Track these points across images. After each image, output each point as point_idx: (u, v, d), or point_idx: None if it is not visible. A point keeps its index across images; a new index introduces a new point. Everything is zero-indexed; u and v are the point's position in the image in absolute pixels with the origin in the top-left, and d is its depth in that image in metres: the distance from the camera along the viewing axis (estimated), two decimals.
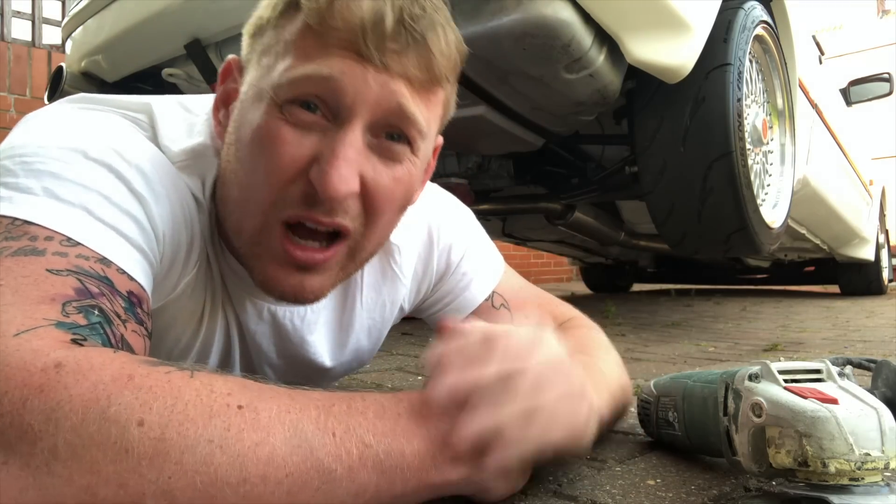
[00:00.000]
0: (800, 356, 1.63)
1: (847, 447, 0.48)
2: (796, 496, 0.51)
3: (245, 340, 0.72)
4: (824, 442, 0.49)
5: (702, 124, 1.61)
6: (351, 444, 0.44)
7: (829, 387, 0.55)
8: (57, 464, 0.37)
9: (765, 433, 0.54)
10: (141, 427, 0.38)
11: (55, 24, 3.49)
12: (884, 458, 0.49)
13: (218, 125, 0.63)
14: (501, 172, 2.25)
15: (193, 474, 0.38)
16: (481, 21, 1.29)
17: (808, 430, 0.50)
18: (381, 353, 1.63)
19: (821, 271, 4.82)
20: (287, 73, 0.55)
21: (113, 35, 1.81)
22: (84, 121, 0.59)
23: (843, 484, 0.49)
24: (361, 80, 0.54)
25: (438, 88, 0.60)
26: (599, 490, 0.61)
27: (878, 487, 0.49)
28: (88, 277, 0.48)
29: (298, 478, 0.41)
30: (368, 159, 0.57)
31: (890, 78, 4.04)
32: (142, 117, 0.64)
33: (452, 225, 0.85)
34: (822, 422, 0.49)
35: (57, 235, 0.48)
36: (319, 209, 0.56)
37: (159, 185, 0.58)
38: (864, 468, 0.48)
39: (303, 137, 0.56)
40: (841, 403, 0.51)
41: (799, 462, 0.50)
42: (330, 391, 0.48)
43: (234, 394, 0.42)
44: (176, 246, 0.60)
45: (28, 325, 0.42)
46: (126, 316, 0.49)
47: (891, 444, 0.49)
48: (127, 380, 0.40)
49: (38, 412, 0.38)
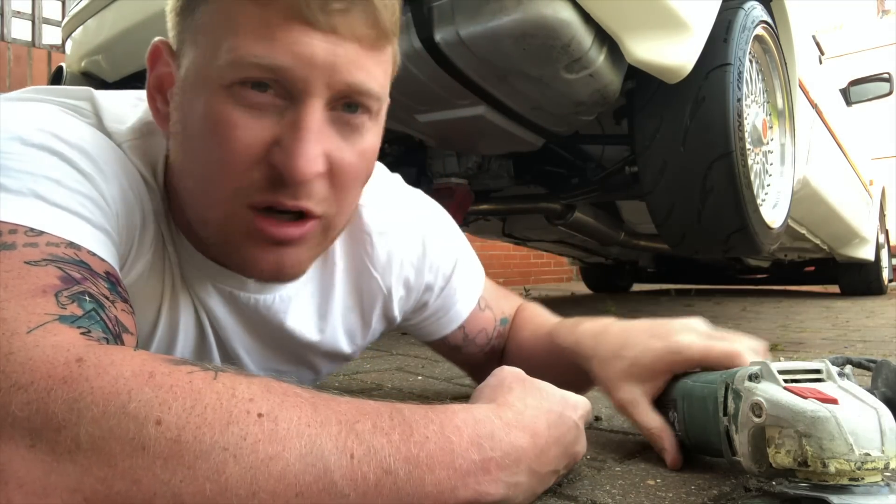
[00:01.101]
0: (800, 356, 1.63)
1: (847, 447, 0.48)
2: (796, 496, 0.51)
3: (216, 328, 0.71)
4: (824, 442, 0.49)
5: (702, 124, 1.61)
6: (369, 469, 0.42)
7: (829, 387, 0.55)
8: (79, 453, 0.37)
9: (765, 433, 0.54)
10: (158, 426, 0.38)
11: (55, 24, 3.49)
12: (884, 458, 0.48)
13: (157, 113, 0.61)
14: (501, 172, 2.24)
15: (204, 481, 0.38)
16: (481, 21, 1.29)
17: (808, 430, 0.50)
18: (381, 352, 1.63)
19: (821, 271, 4.82)
20: (231, 54, 0.52)
21: (113, 35, 1.81)
22: (17, 110, 0.57)
23: (843, 484, 0.49)
24: (311, 54, 0.52)
25: (387, 45, 0.58)
26: (599, 490, 0.60)
27: (878, 487, 0.49)
28: (67, 264, 0.47)
29: (308, 498, 0.40)
30: (330, 137, 0.56)
31: (890, 78, 4.03)
32: (83, 105, 0.63)
33: (443, 238, 0.85)
34: (821, 422, 0.49)
35: (19, 227, 0.47)
36: (285, 192, 0.55)
37: (104, 163, 0.56)
38: (864, 468, 0.48)
39: (257, 120, 0.53)
40: (841, 403, 0.51)
41: (799, 462, 0.50)
42: (358, 401, 0.46)
43: (256, 400, 0.41)
44: (130, 226, 0.59)
45: (35, 322, 0.42)
46: (112, 296, 0.49)
47: (891, 444, 0.49)
48: (148, 377, 0.40)
49: (61, 401, 0.38)
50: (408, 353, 1.64)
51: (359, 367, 1.41)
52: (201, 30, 0.55)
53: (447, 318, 0.89)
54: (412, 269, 0.81)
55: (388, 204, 0.80)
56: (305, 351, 0.79)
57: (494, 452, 0.48)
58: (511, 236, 3.26)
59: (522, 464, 0.50)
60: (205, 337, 0.71)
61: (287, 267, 0.59)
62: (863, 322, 2.65)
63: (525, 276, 5.73)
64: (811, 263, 4.75)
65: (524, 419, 0.52)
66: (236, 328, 0.72)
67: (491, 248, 4.93)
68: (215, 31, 0.54)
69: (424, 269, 0.82)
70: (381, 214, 0.78)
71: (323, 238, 0.61)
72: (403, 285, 0.82)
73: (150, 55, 0.62)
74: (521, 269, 5.69)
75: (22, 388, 0.38)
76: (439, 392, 1.15)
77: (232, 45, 0.52)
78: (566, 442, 0.56)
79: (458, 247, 0.88)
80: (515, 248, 5.22)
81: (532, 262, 5.88)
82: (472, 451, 0.47)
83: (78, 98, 0.63)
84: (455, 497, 0.45)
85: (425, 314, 0.88)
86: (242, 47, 0.52)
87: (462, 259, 0.88)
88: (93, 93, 0.64)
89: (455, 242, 0.88)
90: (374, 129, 0.59)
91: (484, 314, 0.92)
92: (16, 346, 0.40)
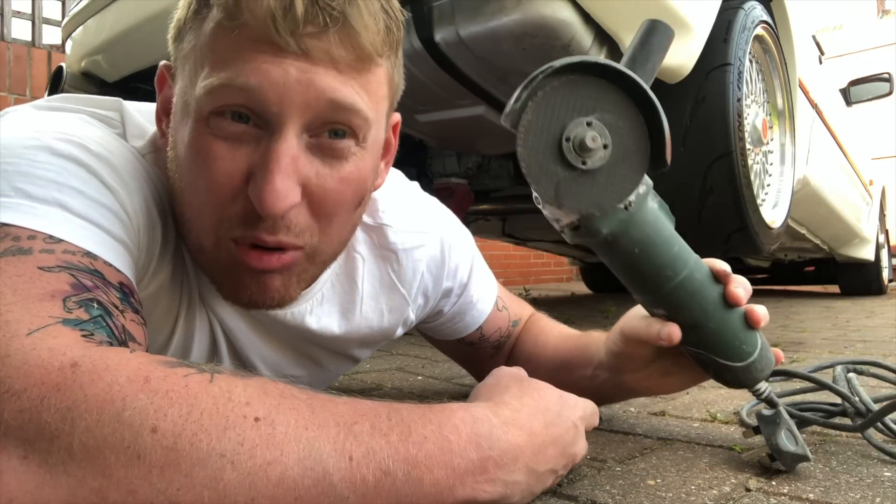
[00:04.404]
0: (800, 356, 1.63)
1: None
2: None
3: (230, 339, 0.71)
4: None
5: (702, 124, 1.61)
6: (368, 471, 0.42)
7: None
8: (73, 463, 0.37)
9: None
10: (154, 434, 0.38)
11: (55, 24, 3.49)
12: None
13: (163, 136, 0.61)
14: (501, 172, 2.25)
15: (202, 489, 0.38)
16: (481, 21, 1.29)
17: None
18: (381, 352, 1.63)
19: (821, 271, 4.82)
20: (205, 83, 0.52)
21: (113, 35, 1.81)
22: (48, 120, 0.58)
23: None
24: (283, 80, 0.51)
25: (373, 66, 0.55)
26: (599, 490, 0.60)
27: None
28: (80, 272, 0.47)
29: (308, 501, 0.40)
30: (310, 163, 0.54)
31: (890, 78, 4.04)
32: (112, 115, 0.63)
33: (460, 245, 0.87)
34: None
35: (39, 234, 0.47)
36: (263, 226, 0.54)
37: (129, 177, 0.56)
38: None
39: (235, 151, 0.53)
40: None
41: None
42: (356, 401, 0.46)
43: (253, 403, 0.41)
44: (152, 240, 0.59)
45: (37, 324, 0.42)
46: (123, 306, 0.49)
47: None
48: (143, 382, 0.39)
49: (54, 410, 0.37)
50: (408, 353, 1.64)
51: (359, 367, 1.40)
52: (185, 59, 0.56)
53: (465, 321, 0.91)
54: (431, 277, 0.83)
55: (412, 219, 0.80)
56: (320, 353, 0.80)
57: (492, 451, 0.48)
58: (511, 236, 3.26)
59: (520, 462, 0.50)
60: (217, 348, 0.71)
61: (272, 291, 0.58)
62: (863, 322, 2.65)
63: (525, 276, 5.73)
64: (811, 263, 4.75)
65: (521, 417, 0.53)
66: (252, 338, 0.73)
67: (491, 248, 4.93)
68: (194, 60, 0.54)
69: (443, 277, 0.84)
70: (406, 230, 0.79)
71: (309, 265, 0.60)
72: (422, 293, 0.83)
73: (157, 78, 0.62)
74: (521, 269, 5.69)
75: (15, 395, 0.38)
76: (439, 392, 1.15)
77: (206, 74, 0.52)
78: (564, 442, 0.56)
79: (473, 253, 0.90)
80: (515, 248, 5.22)
81: (532, 262, 5.88)
82: (471, 451, 0.47)
83: (107, 108, 0.63)
84: (453, 496, 0.45)
85: (444, 318, 0.89)
86: (213, 74, 0.52)
87: (477, 264, 0.90)
88: (122, 104, 0.64)
89: (470, 249, 0.89)
90: (361, 153, 0.57)
91: (501, 314, 0.94)
92: (13, 349, 0.39)
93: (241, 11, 0.51)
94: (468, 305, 0.89)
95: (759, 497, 0.59)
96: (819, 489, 0.61)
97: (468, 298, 0.89)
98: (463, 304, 0.89)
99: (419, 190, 0.88)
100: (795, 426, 0.66)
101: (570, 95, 0.53)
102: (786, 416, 0.65)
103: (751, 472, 0.66)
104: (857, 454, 0.72)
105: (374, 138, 0.59)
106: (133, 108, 0.65)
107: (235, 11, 0.51)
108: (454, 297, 0.87)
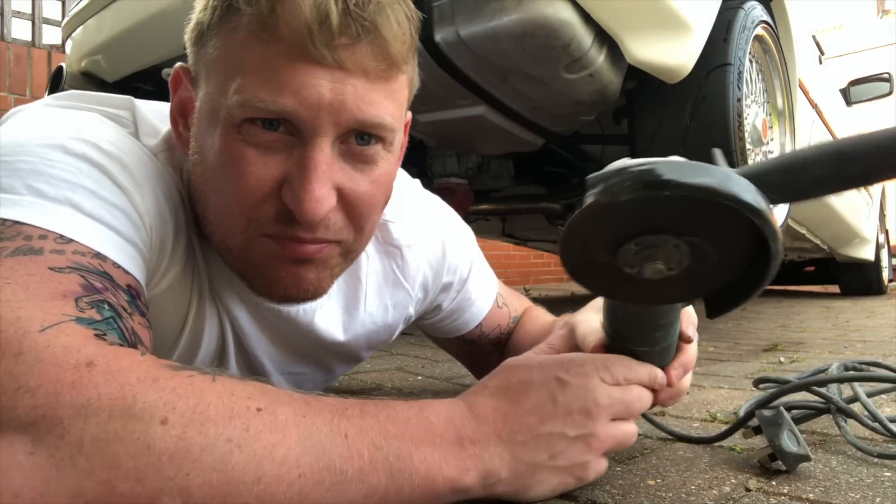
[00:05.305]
0: (800, 356, 1.63)
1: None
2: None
3: (239, 335, 0.72)
4: None
5: (702, 124, 1.61)
6: (363, 446, 0.45)
7: None
8: (80, 457, 0.37)
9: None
10: (164, 425, 0.39)
11: (55, 24, 3.49)
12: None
13: (179, 137, 0.62)
14: (501, 172, 2.25)
15: (211, 472, 0.39)
16: (481, 21, 1.29)
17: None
18: (381, 352, 1.63)
19: (821, 271, 4.82)
20: (238, 95, 0.52)
21: (113, 35, 1.81)
22: (61, 118, 0.58)
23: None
24: (318, 96, 0.52)
25: (399, 73, 0.57)
26: (599, 490, 0.60)
27: None
28: (90, 273, 0.48)
29: (311, 478, 0.42)
30: (342, 169, 0.56)
31: (890, 78, 4.04)
32: (124, 114, 0.63)
33: (461, 241, 0.88)
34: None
35: (50, 234, 0.48)
36: (299, 227, 0.55)
37: (142, 177, 0.57)
38: None
39: (267, 157, 0.54)
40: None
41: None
42: (344, 397, 0.49)
43: (254, 397, 0.44)
44: (162, 239, 0.60)
45: (50, 321, 0.42)
46: (131, 309, 0.50)
47: None
48: (152, 381, 0.41)
49: (69, 407, 0.38)
50: (408, 353, 1.64)
51: (359, 367, 1.41)
52: (212, 64, 0.56)
53: (464, 318, 0.92)
54: (431, 272, 0.84)
55: (414, 215, 0.81)
56: (325, 354, 0.81)
57: (465, 430, 0.51)
58: (511, 236, 3.26)
59: (491, 433, 0.51)
60: (225, 345, 0.72)
61: (306, 283, 0.60)
62: (863, 322, 2.65)
63: (525, 276, 5.73)
64: (811, 263, 4.76)
65: (487, 390, 0.55)
66: (260, 336, 0.73)
67: (491, 248, 4.93)
68: (224, 69, 0.54)
69: (443, 272, 0.85)
70: (409, 226, 0.80)
71: (342, 260, 0.62)
72: (422, 288, 0.84)
73: (172, 79, 0.62)
74: (521, 269, 5.69)
75: (30, 392, 0.38)
76: (439, 392, 1.15)
77: (239, 85, 0.52)
78: (545, 409, 0.53)
79: (473, 250, 0.91)
80: (515, 248, 5.22)
81: (532, 262, 5.88)
82: (448, 431, 0.50)
83: (119, 107, 0.64)
84: (442, 475, 0.48)
85: (443, 313, 0.90)
86: (249, 90, 0.52)
87: (477, 260, 0.90)
88: (134, 102, 0.64)
89: (471, 246, 0.90)
90: (388, 156, 0.59)
91: (501, 311, 0.95)
92: (26, 346, 0.40)
93: (276, 23, 0.51)
94: (467, 301, 0.90)
95: (759, 497, 0.59)
96: (819, 489, 0.61)
97: (467, 294, 0.89)
98: (462, 299, 0.89)
99: (420, 187, 0.89)
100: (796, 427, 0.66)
101: (683, 205, 0.40)
102: (787, 417, 0.66)
103: (751, 472, 0.66)
104: (857, 454, 0.72)
105: (397, 142, 0.61)
106: (143, 105, 0.65)
107: (271, 23, 0.51)
108: (453, 293, 0.88)
